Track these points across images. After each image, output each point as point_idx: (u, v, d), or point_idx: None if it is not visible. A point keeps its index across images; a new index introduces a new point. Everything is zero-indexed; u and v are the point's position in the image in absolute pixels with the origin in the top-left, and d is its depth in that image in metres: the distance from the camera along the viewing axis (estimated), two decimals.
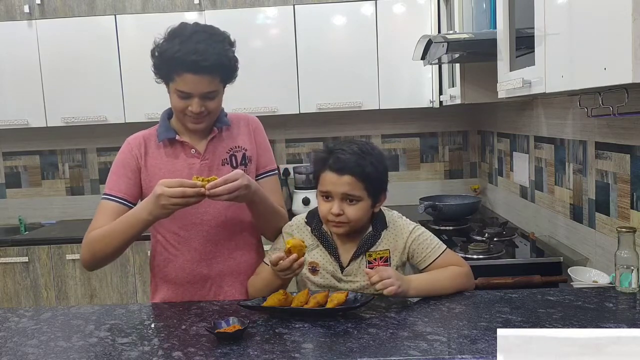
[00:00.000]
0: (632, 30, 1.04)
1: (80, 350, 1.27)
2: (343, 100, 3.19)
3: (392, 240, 1.59)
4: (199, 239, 1.64)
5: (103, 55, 3.18)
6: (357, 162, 1.48)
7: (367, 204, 1.52)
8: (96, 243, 1.53)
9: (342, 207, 1.50)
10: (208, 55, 1.47)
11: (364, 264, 1.57)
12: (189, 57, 1.46)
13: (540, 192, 2.47)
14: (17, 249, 3.08)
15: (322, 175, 1.52)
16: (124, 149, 1.65)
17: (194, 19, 3.12)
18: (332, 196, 1.51)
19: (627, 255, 1.51)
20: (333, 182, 1.50)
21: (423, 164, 3.62)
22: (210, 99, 1.55)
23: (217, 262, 1.65)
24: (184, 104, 1.54)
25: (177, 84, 1.51)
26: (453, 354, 1.16)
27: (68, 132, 3.51)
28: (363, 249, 1.57)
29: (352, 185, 1.49)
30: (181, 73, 1.49)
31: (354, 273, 1.58)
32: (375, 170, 1.50)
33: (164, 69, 1.53)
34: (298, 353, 1.20)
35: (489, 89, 2.06)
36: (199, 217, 1.63)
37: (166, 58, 1.50)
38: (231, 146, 1.66)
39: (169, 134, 1.63)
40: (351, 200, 1.50)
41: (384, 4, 3.14)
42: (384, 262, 1.57)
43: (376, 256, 1.57)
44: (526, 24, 1.64)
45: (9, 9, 3.20)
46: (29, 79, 3.20)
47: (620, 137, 1.77)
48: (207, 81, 1.51)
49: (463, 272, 1.56)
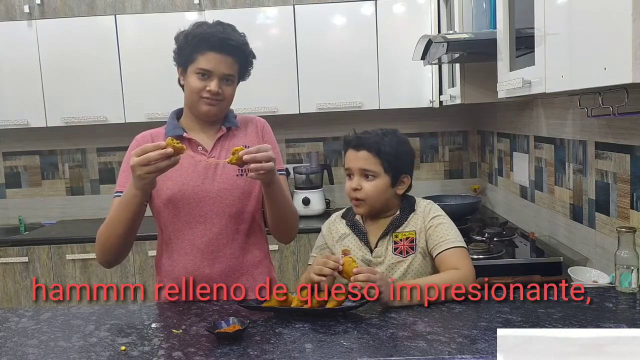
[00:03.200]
0: (632, 30, 1.04)
1: (80, 350, 1.27)
2: (343, 100, 3.19)
3: (419, 223, 1.63)
4: (203, 238, 1.64)
5: (103, 55, 3.17)
6: (374, 140, 1.59)
7: (384, 181, 1.60)
8: (102, 235, 1.56)
9: (360, 183, 1.60)
10: (234, 37, 1.59)
11: (391, 244, 1.62)
12: (216, 36, 1.56)
13: (540, 192, 2.47)
14: (17, 249, 3.08)
15: (346, 154, 1.64)
16: (132, 146, 1.66)
17: (194, 19, 3.11)
18: (352, 173, 1.62)
19: (627, 255, 1.51)
20: (352, 158, 1.62)
21: (423, 164, 3.62)
22: (227, 83, 1.61)
23: (220, 262, 1.65)
24: (203, 85, 1.58)
25: (199, 62, 1.57)
26: (453, 354, 1.16)
27: (68, 132, 3.51)
28: (390, 229, 1.63)
29: (368, 160, 1.59)
30: (205, 51, 1.56)
31: (383, 254, 1.62)
32: (392, 148, 1.59)
33: (188, 50, 1.59)
34: (298, 353, 1.20)
35: (489, 89, 2.06)
36: (203, 215, 1.63)
37: (192, 38, 1.58)
38: (239, 146, 1.67)
39: (177, 131, 1.65)
40: (368, 176, 1.59)
41: (384, 4, 3.14)
42: (410, 243, 1.61)
43: (402, 237, 1.62)
44: (526, 24, 1.64)
45: (9, 9, 3.20)
46: (29, 79, 3.19)
47: (620, 137, 1.78)
48: (229, 62, 1.59)
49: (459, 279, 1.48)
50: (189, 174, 1.62)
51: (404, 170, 1.63)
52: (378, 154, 1.58)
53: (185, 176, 1.62)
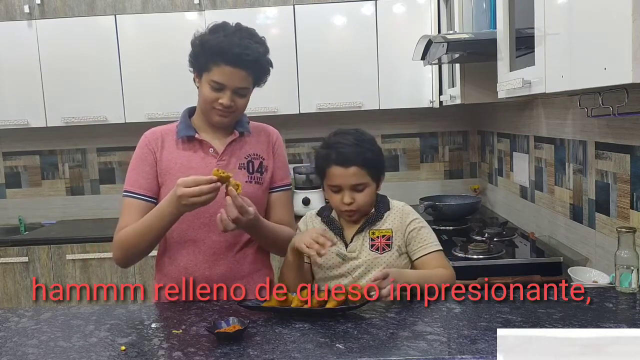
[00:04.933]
0: (632, 30, 1.04)
1: (80, 350, 1.27)
2: (343, 100, 3.19)
3: (397, 222, 1.65)
4: (206, 240, 1.64)
5: (103, 55, 3.17)
6: (358, 152, 1.58)
7: (372, 188, 1.63)
8: (128, 241, 1.56)
9: (352, 196, 1.60)
10: (250, 51, 1.53)
11: (367, 241, 1.63)
12: (232, 50, 1.51)
13: (540, 192, 2.47)
14: (17, 249, 3.08)
15: (329, 170, 1.61)
16: (141, 143, 1.67)
17: (194, 19, 3.15)
18: (342, 189, 1.60)
19: (627, 255, 1.51)
20: (341, 175, 1.59)
21: (423, 164, 3.62)
22: (241, 95, 1.60)
23: (220, 265, 1.65)
24: (215, 96, 1.57)
25: (213, 75, 1.55)
26: (453, 354, 1.17)
27: (68, 132, 3.50)
28: (365, 226, 1.65)
29: (359, 175, 1.58)
30: (220, 64, 1.53)
31: (358, 250, 1.63)
32: (373, 154, 1.61)
33: (203, 58, 1.56)
34: (298, 353, 1.20)
35: (489, 89, 2.06)
36: (208, 218, 1.62)
37: (208, 47, 1.54)
38: (250, 152, 1.69)
39: (189, 132, 1.65)
40: (359, 189, 1.59)
41: (384, 4, 3.14)
42: (387, 241, 1.63)
43: (379, 234, 1.64)
44: (526, 24, 1.64)
45: (9, 9, 3.19)
46: (29, 79, 3.19)
47: (620, 137, 1.77)
48: (243, 76, 1.56)
49: (448, 277, 1.59)
50: (198, 174, 1.56)
51: (383, 168, 1.67)
52: (365, 165, 1.58)
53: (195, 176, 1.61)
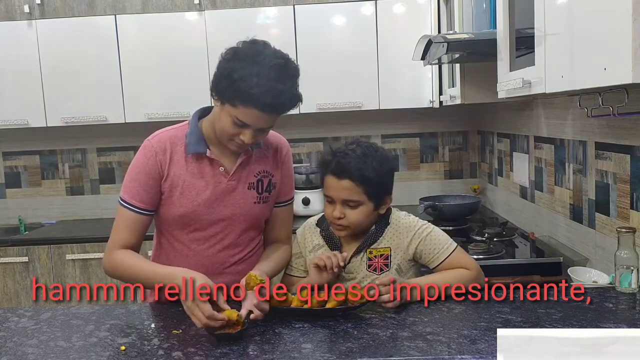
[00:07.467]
0: (632, 30, 1.04)
1: (80, 350, 1.27)
2: (343, 100, 3.19)
3: (395, 239, 1.58)
4: (210, 250, 1.61)
5: (103, 55, 3.17)
6: (357, 166, 1.49)
7: (368, 207, 1.53)
8: (122, 274, 1.54)
9: (343, 211, 1.52)
10: (284, 98, 1.41)
11: (365, 261, 1.58)
12: (264, 98, 1.38)
13: (540, 192, 2.47)
14: (17, 249, 3.08)
15: (325, 178, 1.55)
16: (146, 152, 1.55)
17: (194, 19, 3.14)
18: (334, 201, 1.54)
19: (627, 256, 1.51)
20: (334, 186, 1.53)
21: (423, 164, 3.62)
22: (264, 132, 1.52)
23: (222, 277, 1.59)
24: (237, 131, 1.46)
25: (238, 113, 1.42)
26: (453, 354, 1.16)
27: (68, 132, 3.50)
28: (364, 246, 1.59)
29: (351, 190, 1.50)
30: (250, 107, 1.40)
31: (355, 270, 1.58)
32: (376, 173, 1.50)
33: (231, 94, 1.41)
34: (298, 353, 1.20)
35: (489, 89, 2.06)
36: (213, 234, 1.60)
37: (238, 87, 1.38)
38: (259, 170, 1.62)
39: (200, 148, 1.55)
40: (351, 205, 1.52)
41: (384, 4, 3.14)
42: (384, 260, 1.58)
43: (376, 253, 1.58)
44: (526, 24, 1.64)
45: (9, 9, 3.19)
46: (29, 79, 3.19)
47: (620, 137, 1.77)
48: (271, 119, 1.46)
49: (471, 277, 1.52)
50: (207, 195, 1.56)
51: (387, 192, 1.56)
52: (362, 182, 1.48)
53: (202, 197, 1.56)
